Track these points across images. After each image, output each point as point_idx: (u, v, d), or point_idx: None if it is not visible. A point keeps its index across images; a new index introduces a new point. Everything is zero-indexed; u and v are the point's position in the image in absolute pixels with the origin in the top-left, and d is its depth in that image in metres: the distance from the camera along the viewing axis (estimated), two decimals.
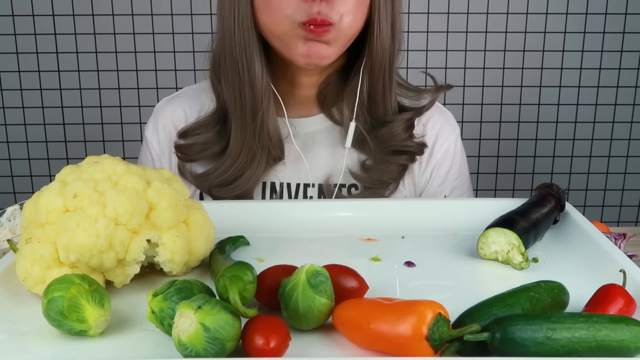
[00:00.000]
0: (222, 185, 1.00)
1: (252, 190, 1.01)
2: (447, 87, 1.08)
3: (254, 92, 0.96)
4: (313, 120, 1.05)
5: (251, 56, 0.95)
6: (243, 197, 1.01)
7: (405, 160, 1.03)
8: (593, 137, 2.16)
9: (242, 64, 0.95)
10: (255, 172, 0.99)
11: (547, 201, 0.83)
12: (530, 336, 0.52)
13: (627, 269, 0.67)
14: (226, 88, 0.99)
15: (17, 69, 2.07)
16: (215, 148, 1.01)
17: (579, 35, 2.06)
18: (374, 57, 0.97)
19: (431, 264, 0.76)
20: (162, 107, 1.11)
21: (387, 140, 1.01)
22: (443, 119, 1.10)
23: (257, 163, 0.99)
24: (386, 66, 0.98)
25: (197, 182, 1.02)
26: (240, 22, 0.94)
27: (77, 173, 0.70)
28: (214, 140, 1.02)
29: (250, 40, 0.94)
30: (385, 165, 1.01)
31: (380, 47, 0.96)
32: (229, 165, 0.99)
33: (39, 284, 0.66)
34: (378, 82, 0.99)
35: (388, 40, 0.97)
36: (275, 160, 1.01)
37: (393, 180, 1.03)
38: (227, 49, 0.96)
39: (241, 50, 0.95)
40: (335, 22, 0.90)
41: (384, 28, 0.96)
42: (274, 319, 0.56)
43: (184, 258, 0.70)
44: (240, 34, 0.94)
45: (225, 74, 0.98)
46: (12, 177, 2.17)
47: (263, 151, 0.99)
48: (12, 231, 0.93)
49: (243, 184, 0.99)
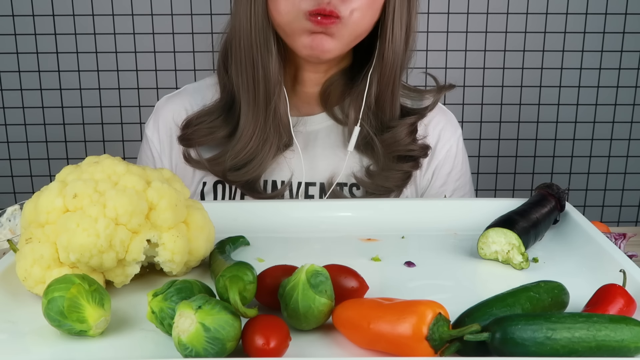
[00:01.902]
0: (233, 169, 1.00)
1: (260, 176, 1.01)
2: (449, 87, 1.07)
3: (268, 76, 0.95)
4: (315, 118, 1.05)
5: (265, 40, 0.94)
6: (251, 183, 1.00)
7: (410, 167, 1.03)
8: (593, 137, 2.16)
9: (257, 47, 0.95)
10: (267, 156, 0.99)
11: (547, 201, 0.83)
12: (530, 336, 0.52)
13: (627, 269, 0.67)
14: (237, 73, 0.98)
15: (17, 69, 2.07)
16: (221, 132, 1.01)
17: (579, 35, 2.06)
18: (385, 62, 0.96)
19: (431, 264, 0.76)
20: (162, 105, 1.10)
21: (390, 145, 1.01)
22: (445, 119, 1.09)
23: (269, 146, 0.99)
24: (397, 71, 0.97)
25: (211, 165, 1.01)
26: (256, 9, 0.93)
27: (77, 173, 0.70)
28: (219, 125, 1.01)
29: (264, 26, 0.94)
30: (390, 172, 1.01)
31: (392, 52, 0.95)
32: (241, 148, 0.98)
33: (39, 284, 0.66)
34: (387, 87, 0.98)
35: (401, 45, 0.95)
36: (285, 146, 1.01)
37: (397, 187, 1.03)
38: (243, 34, 0.95)
39: (255, 34, 0.94)
40: (344, 16, 0.89)
41: (397, 33, 0.94)
42: (274, 319, 0.56)
43: (184, 258, 0.70)
44: (255, 19, 0.94)
45: (237, 60, 0.98)
46: (12, 177, 2.17)
47: (275, 134, 0.99)
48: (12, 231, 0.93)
49: (254, 169, 0.99)
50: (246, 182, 1.00)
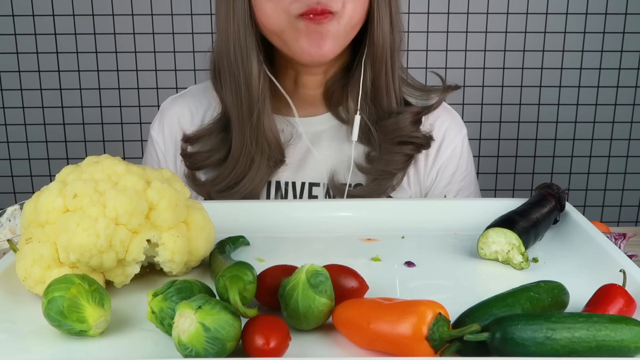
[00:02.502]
0: (224, 190, 1.00)
1: (256, 192, 1.01)
2: (455, 87, 1.07)
3: (250, 92, 0.95)
4: (319, 119, 1.05)
5: (247, 56, 0.94)
6: (247, 199, 1.00)
7: (411, 150, 1.02)
8: (593, 137, 2.16)
9: (238, 63, 0.95)
10: (256, 176, 0.99)
11: (547, 201, 0.83)
12: (530, 336, 0.52)
13: (627, 269, 0.67)
14: (225, 90, 0.99)
15: (17, 69, 2.07)
16: (218, 155, 1.01)
17: (579, 35, 2.06)
18: (376, 45, 0.96)
19: (431, 264, 0.76)
20: (168, 106, 1.10)
21: (393, 131, 1.00)
22: (450, 119, 1.09)
23: (256, 167, 0.98)
24: (387, 52, 0.97)
25: (199, 189, 1.02)
26: (237, 22, 0.93)
27: (77, 173, 0.70)
28: (217, 148, 1.02)
29: (247, 39, 0.94)
30: (390, 155, 1.00)
31: (381, 32, 0.95)
32: (230, 171, 0.99)
33: (39, 284, 0.66)
34: (381, 69, 0.98)
35: (387, 25, 0.96)
36: (276, 164, 1.01)
37: (398, 170, 1.02)
38: (224, 50, 0.96)
39: (237, 50, 0.94)
40: (336, 10, 0.89)
41: (383, 13, 0.95)
42: (274, 319, 0.56)
43: (184, 258, 0.70)
44: (236, 34, 0.93)
45: (224, 76, 0.98)
46: (12, 177, 2.17)
47: (262, 156, 0.98)
48: (12, 231, 0.93)
49: (245, 188, 0.99)
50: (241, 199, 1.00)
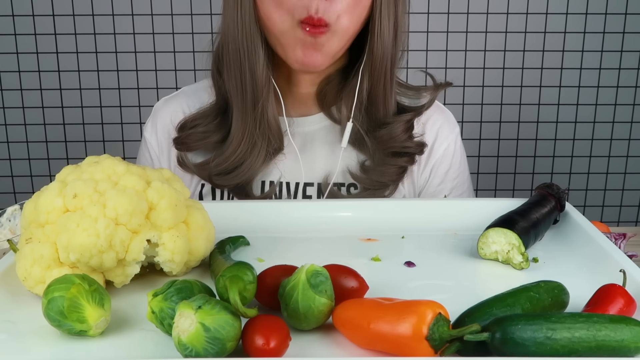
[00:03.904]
0: (223, 173, 1.00)
1: (251, 180, 1.01)
2: (446, 84, 1.07)
3: (255, 80, 0.96)
4: (312, 119, 1.05)
5: (253, 45, 0.95)
6: (242, 186, 1.01)
7: (405, 162, 1.03)
8: (593, 137, 2.16)
9: (244, 51, 0.95)
10: (256, 161, 0.99)
11: (547, 201, 0.83)
12: (530, 336, 0.52)
13: (627, 269, 0.67)
14: (228, 77, 0.99)
15: (17, 69, 2.07)
16: (215, 137, 1.02)
17: (579, 35, 2.06)
18: (375, 57, 0.96)
19: (431, 264, 0.76)
20: (160, 107, 1.10)
21: (386, 141, 1.01)
22: (443, 118, 1.09)
23: (257, 152, 0.99)
24: (387, 66, 0.98)
25: (198, 170, 1.02)
26: (243, 13, 0.94)
27: (77, 173, 0.70)
28: (213, 130, 1.02)
29: (252, 30, 0.94)
30: (385, 167, 1.01)
31: (382, 46, 0.96)
32: (230, 154, 0.99)
33: (39, 284, 0.66)
34: (379, 82, 0.99)
35: (390, 40, 0.96)
36: (275, 151, 1.01)
37: (392, 182, 1.03)
38: (230, 38, 0.96)
39: (243, 38, 0.95)
40: (331, 22, 0.90)
41: (385, 27, 0.95)
42: (274, 319, 0.56)
43: (184, 258, 0.70)
44: (242, 24, 0.94)
45: (227, 64, 0.98)
46: (12, 177, 2.17)
47: (263, 140, 0.99)
48: (12, 231, 0.93)
49: (243, 173, 0.99)
50: (235, 186, 1.01)
